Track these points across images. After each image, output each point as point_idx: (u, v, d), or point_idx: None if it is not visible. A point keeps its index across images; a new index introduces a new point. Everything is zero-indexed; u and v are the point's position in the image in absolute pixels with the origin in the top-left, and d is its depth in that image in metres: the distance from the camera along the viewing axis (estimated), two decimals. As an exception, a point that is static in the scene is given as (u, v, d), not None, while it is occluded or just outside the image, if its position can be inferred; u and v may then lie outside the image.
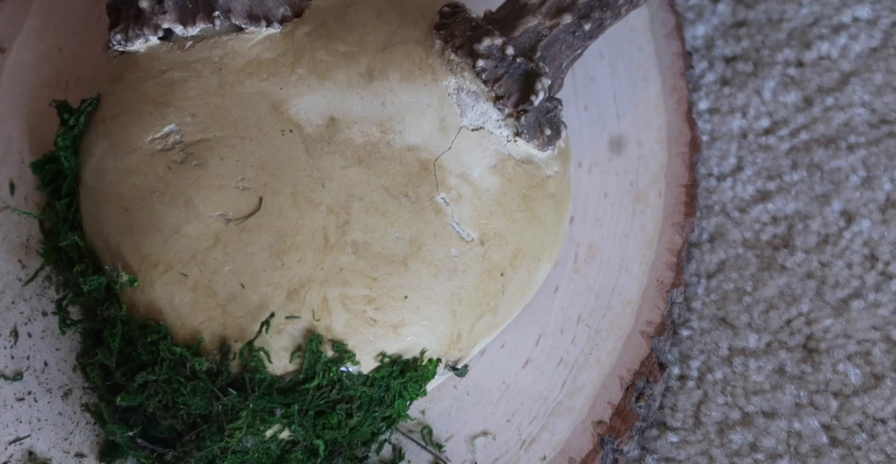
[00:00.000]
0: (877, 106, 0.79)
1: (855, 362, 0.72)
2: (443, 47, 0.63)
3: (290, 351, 0.59)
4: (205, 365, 0.59)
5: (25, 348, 0.66)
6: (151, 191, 0.61)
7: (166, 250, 0.60)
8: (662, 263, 0.70)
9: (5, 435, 0.64)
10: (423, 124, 0.62)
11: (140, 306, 0.60)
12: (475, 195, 0.62)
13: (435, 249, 0.61)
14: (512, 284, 0.64)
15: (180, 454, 0.60)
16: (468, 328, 0.63)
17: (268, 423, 0.59)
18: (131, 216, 0.61)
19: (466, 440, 0.66)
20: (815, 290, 0.74)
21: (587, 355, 0.68)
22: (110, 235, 0.62)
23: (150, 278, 0.60)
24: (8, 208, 0.68)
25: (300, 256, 0.59)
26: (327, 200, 0.60)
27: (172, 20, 0.63)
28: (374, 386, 0.60)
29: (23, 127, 0.70)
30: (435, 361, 0.62)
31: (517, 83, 0.62)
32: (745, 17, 0.82)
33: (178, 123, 0.62)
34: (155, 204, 0.60)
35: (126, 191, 0.61)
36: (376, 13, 0.65)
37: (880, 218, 0.76)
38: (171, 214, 0.60)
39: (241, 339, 0.59)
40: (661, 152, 0.73)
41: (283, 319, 0.59)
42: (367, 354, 0.60)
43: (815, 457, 0.69)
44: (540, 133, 0.63)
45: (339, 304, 0.59)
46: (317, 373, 0.59)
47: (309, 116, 0.62)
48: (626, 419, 0.66)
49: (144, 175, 0.61)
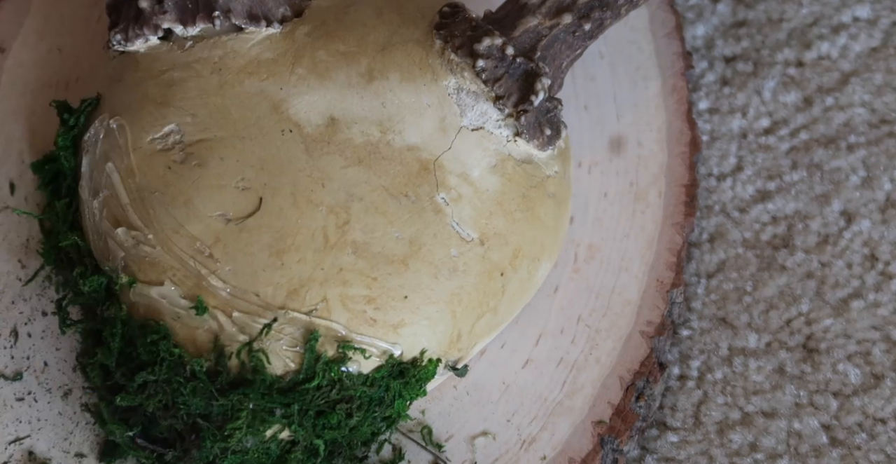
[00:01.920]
0: (877, 106, 0.79)
1: (855, 361, 0.72)
2: (443, 47, 0.63)
3: (289, 351, 0.59)
4: (204, 365, 0.59)
5: (25, 348, 0.66)
6: (151, 191, 0.61)
7: (166, 250, 0.60)
8: (662, 263, 0.70)
9: (5, 435, 0.64)
10: (423, 124, 0.62)
11: (140, 307, 0.60)
12: (475, 195, 0.62)
13: (435, 249, 0.61)
14: (512, 284, 0.64)
15: (180, 454, 0.60)
16: (468, 328, 0.63)
17: (268, 423, 0.59)
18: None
19: (466, 440, 0.66)
20: (815, 290, 0.74)
21: (587, 355, 0.68)
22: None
23: (150, 279, 0.60)
24: (8, 208, 0.68)
25: (300, 256, 0.59)
26: (327, 200, 0.60)
27: (172, 20, 0.63)
28: (374, 386, 0.60)
29: (23, 127, 0.70)
30: (435, 361, 0.62)
31: (517, 83, 0.62)
32: (745, 17, 0.82)
33: (178, 122, 0.62)
34: (155, 204, 0.60)
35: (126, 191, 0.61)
36: (376, 13, 0.65)
37: (880, 218, 0.76)
38: (171, 214, 0.60)
39: (241, 339, 0.59)
40: (661, 152, 0.73)
41: (284, 319, 0.59)
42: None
43: (815, 457, 0.69)
44: (540, 133, 0.63)
45: (339, 304, 0.59)
46: (317, 373, 0.59)
47: (309, 116, 0.62)
48: (626, 419, 0.66)
49: (144, 175, 0.61)
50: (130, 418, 0.61)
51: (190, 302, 0.59)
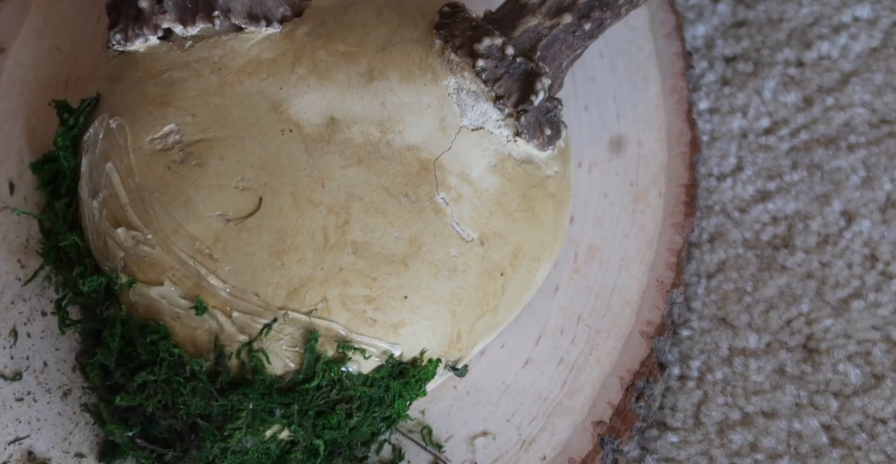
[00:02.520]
0: (877, 106, 0.79)
1: (855, 362, 0.72)
2: (443, 47, 0.63)
3: (289, 351, 0.59)
4: (204, 366, 0.59)
5: (25, 348, 0.66)
6: (151, 191, 0.61)
7: (166, 250, 0.60)
8: (662, 263, 0.70)
9: (5, 435, 0.64)
10: (423, 124, 0.62)
11: (140, 307, 0.60)
12: (475, 195, 0.62)
13: (435, 249, 0.61)
14: (512, 283, 0.64)
15: (180, 454, 0.60)
16: (468, 328, 0.63)
17: (267, 423, 0.59)
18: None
19: (466, 440, 0.66)
20: (816, 290, 0.74)
21: (587, 355, 0.68)
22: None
23: (149, 278, 0.60)
24: (7, 208, 0.68)
25: (300, 256, 0.59)
26: (327, 199, 0.60)
27: (172, 20, 0.63)
28: (374, 386, 0.60)
29: (22, 126, 0.70)
30: (435, 361, 0.62)
31: (517, 83, 0.62)
32: (745, 17, 0.82)
33: (178, 122, 0.62)
34: (154, 204, 0.60)
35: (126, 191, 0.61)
36: (376, 13, 0.65)
37: (880, 218, 0.76)
38: (171, 214, 0.60)
39: (241, 339, 0.59)
40: (661, 152, 0.73)
41: (284, 319, 0.59)
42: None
43: (815, 457, 0.69)
44: (540, 133, 0.63)
45: (339, 304, 0.59)
46: (317, 373, 0.59)
47: (309, 116, 0.62)
48: (626, 419, 0.66)
49: (144, 175, 0.61)
50: (130, 418, 0.61)
51: (189, 302, 0.59)
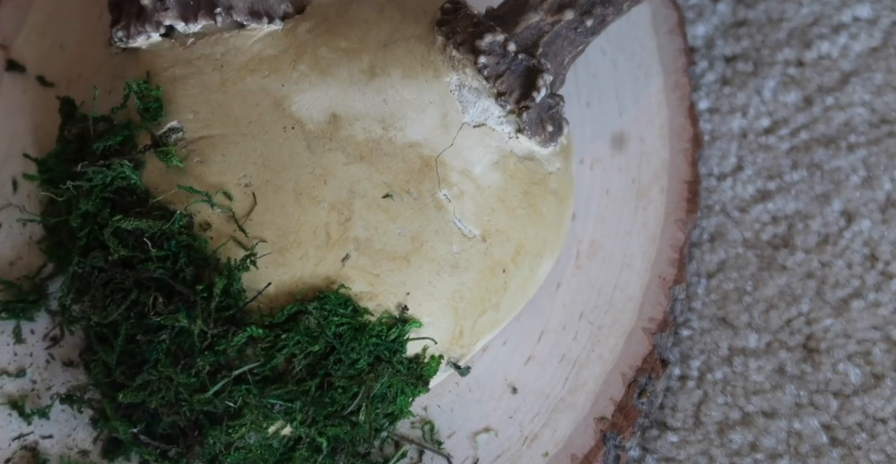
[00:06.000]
0: (877, 105, 0.79)
1: (855, 361, 0.72)
2: (444, 44, 0.63)
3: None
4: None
5: (28, 344, 0.66)
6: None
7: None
8: (664, 260, 0.70)
9: (9, 432, 0.63)
10: (425, 121, 0.62)
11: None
12: (477, 192, 0.62)
13: (437, 246, 0.61)
14: (514, 280, 0.64)
15: (183, 451, 0.60)
16: (470, 325, 0.63)
17: (270, 419, 0.59)
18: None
19: (469, 437, 0.66)
20: (816, 290, 0.74)
21: (589, 352, 0.68)
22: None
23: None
24: (11, 205, 0.68)
25: (302, 253, 0.59)
26: (329, 196, 0.60)
27: (174, 17, 0.63)
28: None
29: (25, 124, 0.70)
30: (437, 358, 0.62)
31: (519, 80, 0.62)
32: (745, 17, 0.82)
33: (180, 119, 0.62)
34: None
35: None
36: (378, 9, 0.65)
37: (880, 218, 0.76)
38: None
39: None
40: (664, 149, 0.73)
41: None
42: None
43: (815, 457, 0.69)
44: (542, 129, 0.64)
45: (342, 300, 0.59)
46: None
47: (311, 113, 0.62)
48: (628, 416, 0.66)
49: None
50: (133, 414, 0.61)
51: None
